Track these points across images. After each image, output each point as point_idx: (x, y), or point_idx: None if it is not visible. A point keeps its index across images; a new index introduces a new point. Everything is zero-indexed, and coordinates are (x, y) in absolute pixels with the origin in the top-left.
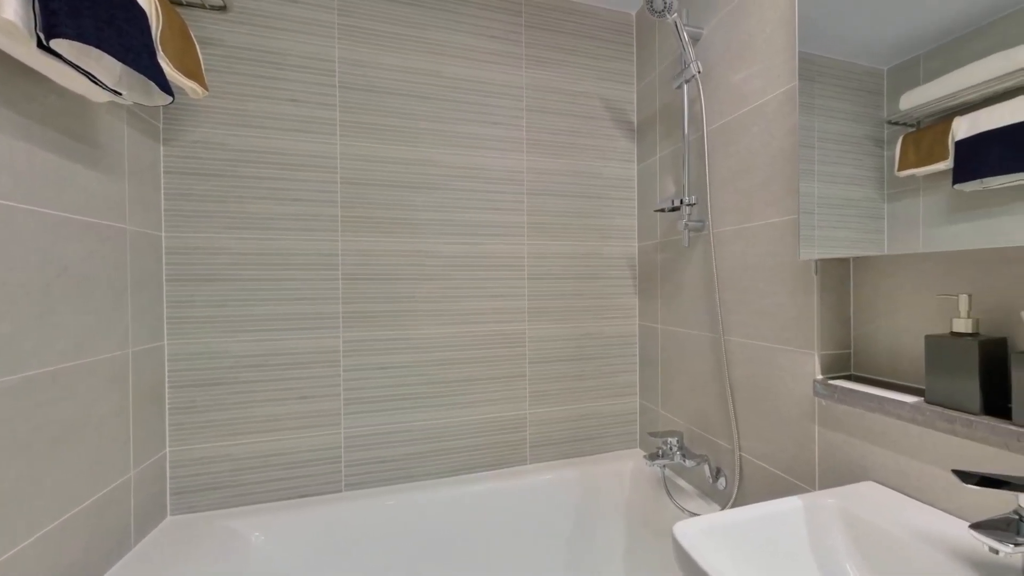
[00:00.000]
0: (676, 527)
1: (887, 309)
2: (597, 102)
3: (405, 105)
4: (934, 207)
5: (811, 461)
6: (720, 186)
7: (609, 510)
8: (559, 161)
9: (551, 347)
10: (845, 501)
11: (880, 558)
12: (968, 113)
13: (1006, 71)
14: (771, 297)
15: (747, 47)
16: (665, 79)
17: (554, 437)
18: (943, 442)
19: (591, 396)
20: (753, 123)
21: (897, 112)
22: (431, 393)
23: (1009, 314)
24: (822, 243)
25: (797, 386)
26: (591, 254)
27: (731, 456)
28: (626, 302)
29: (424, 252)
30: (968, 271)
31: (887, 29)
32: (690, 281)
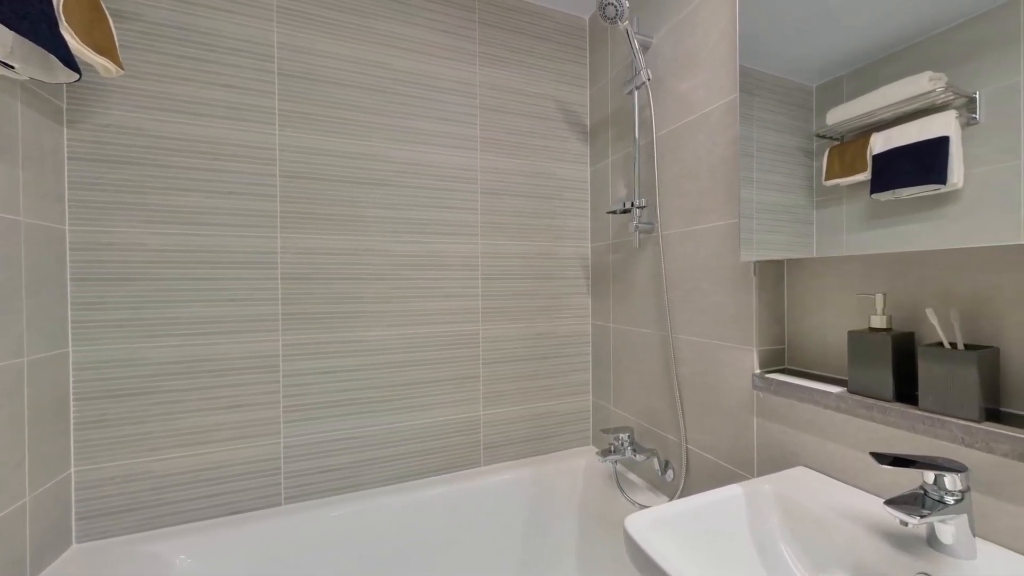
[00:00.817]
0: (627, 520)
1: (816, 307)
2: (552, 104)
3: (351, 97)
4: (855, 214)
5: (750, 450)
6: (668, 190)
7: (563, 507)
8: (514, 161)
9: (506, 347)
10: (779, 486)
11: (809, 536)
12: (883, 130)
13: (913, 94)
14: (715, 296)
15: (693, 58)
16: (617, 84)
17: (509, 437)
18: (863, 428)
19: (546, 395)
20: (699, 131)
21: (824, 126)
22: (379, 397)
23: (916, 311)
24: (760, 246)
25: (738, 380)
26: (545, 254)
27: (679, 449)
28: (579, 302)
29: (373, 250)
30: (883, 272)
31: (815, 50)
32: (640, 281)
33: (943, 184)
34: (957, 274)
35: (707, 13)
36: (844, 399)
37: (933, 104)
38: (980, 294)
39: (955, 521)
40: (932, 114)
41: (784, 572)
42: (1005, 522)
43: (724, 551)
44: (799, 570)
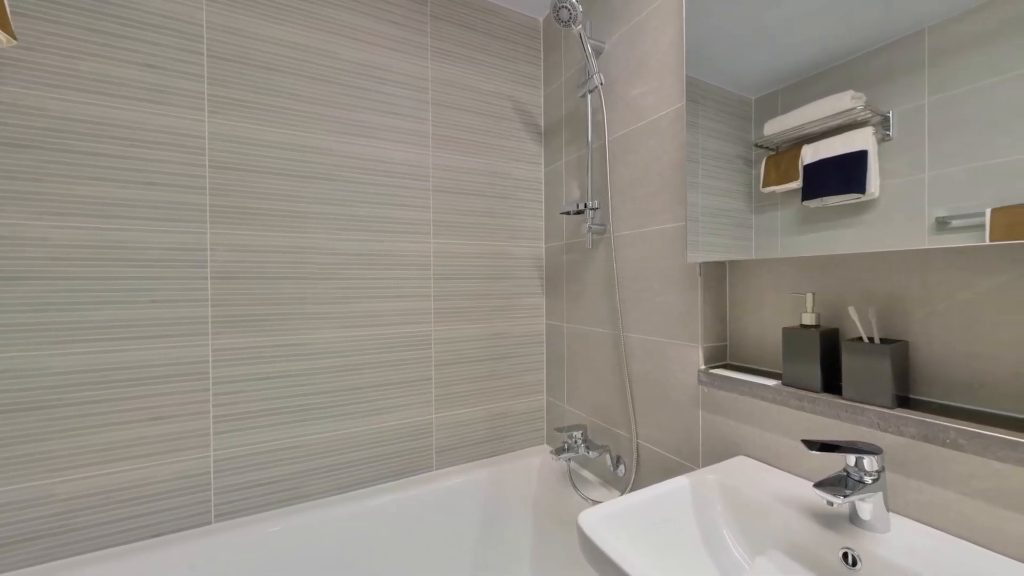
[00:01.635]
0: (580, 516)
1: (755, 306)
2: (507, 103)
3: (293, 85)
4: (789, 219)
5: (696, 442)
6: (620, 193)
7: (517, 508)
8: (468, 159)
9: (459, 348)
10: (722, 475)
11: (748, 521)
12: (813, 142)
13: (837, 110)
14: (663, 296)
15: (643, 65)
16: (571, 87)
17: (464, 440)
18: (795, 417)
19: (502, 396)
20: (649, 136)
21: (761, 137)
22: (323, 403)
23: (841, 309)
24: (705, 248)
25: (684, 376)
26: (500, 254)
27: (630, 444)
28: (534, 302)
29: (317, 249)
30: (813, 273)
31: (753, 65)
32: (593, 281)
33: (862, 194)
34: (875, 275)
35: (656, 23)
36: (779, 391)
37: (854, 120)
38: (893, 293)
39: (872, 499)
40: (853, 130)
41: (726, 556)
42: (912, 497)
43: (673, 540)
44: (739, 553)
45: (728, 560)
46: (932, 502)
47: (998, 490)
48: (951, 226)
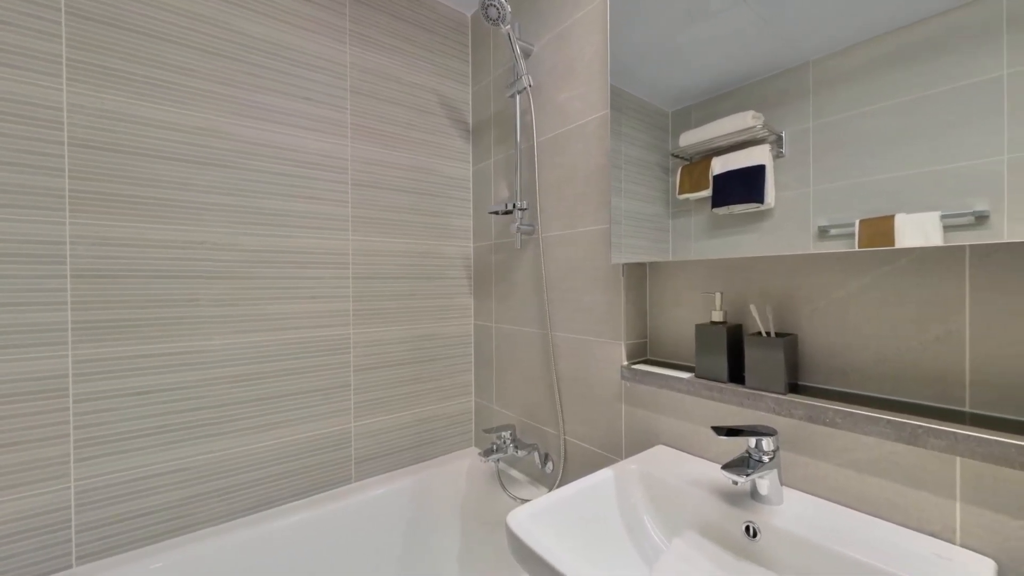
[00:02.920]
0: (509, 516)
1: (672, 304)
2: (434, 97)
3: (183, 57)
4: (701, 224)
5: (619, 435)
6: (548, 194)
7: (444, 514)
8: (391, 153)
9: (382, 352)
10: (643, 465)
11: (666, 505)
12: (721, 155)
13: (740, 127)
14: (589, 295)
15: (570, 71)
16: (499, 86)
17: (387, 448)
18: (706, 406)
19: (429, 399)
20: (576, 140)
21: (677, 147)
22: (219, 418)
23: (744, 307)
24: (627, 250)
25: (608, 372)
26: (427, 253)
27: (558, 441)
28: (463, 302)
29: (213, 244)
30: (722, 274)
31: (670, 81)
32: (522, 281)
33: (761, 203)
34: (771, 276)
35: (582, 31)
36: (692, 383)
37: (755, 138)
38: (786, 292)
39: (769, 475)
40: (754, 146)
41: (646, 541)
42: (800, 471)
43: (598, 531)
44: (658, 537)
45: (648, 545)
46: (815, 474)
47: (864, 460)
48: (830, 234)
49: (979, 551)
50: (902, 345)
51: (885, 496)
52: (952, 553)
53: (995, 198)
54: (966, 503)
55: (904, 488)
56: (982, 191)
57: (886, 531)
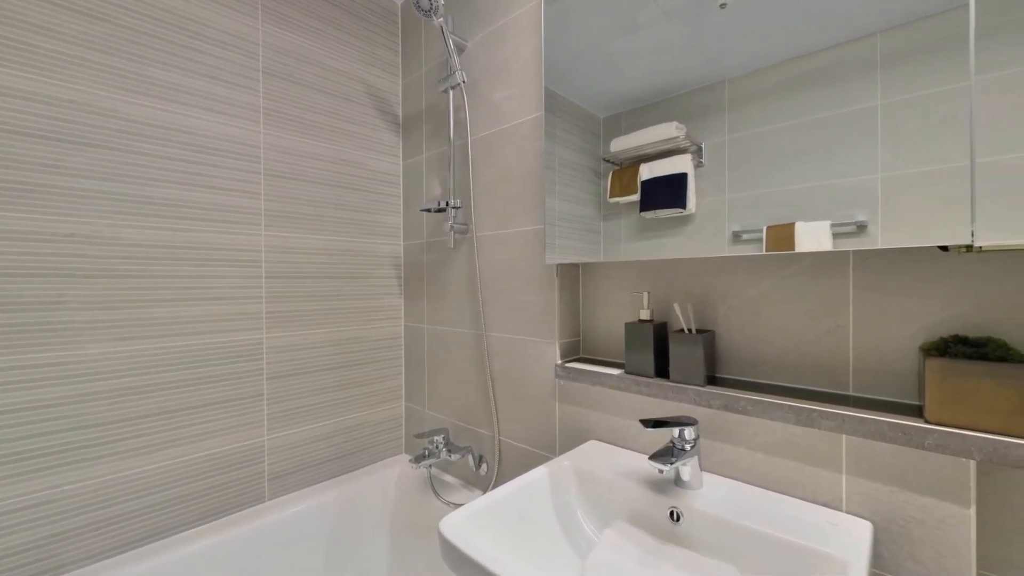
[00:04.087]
0: (442, 522)
1: (603, 303)
2: (360, 86)
3: (46, 16)
4: (630, 227)
5: (553, 432)
6: (483, 193)
7: (372, 526)
8: (312, 142)
9: (301, 357)
10: (576, 460)
11: (597, 498)
12: (649, 161)
13: (664, 137)
14: (524, 295)
15: (505, 71)
16: (432, 80)
17: (306, 460)
18: (635, 401)
19: (355, 406)
20: (511, 140)
21: (608, 152)
22: (96, 440)
23: (668, 305)
24: (561, 250)
25: (543, 371)
26: (353, 250)
27: (492, 442)
28: (392, 302)
29: (85, 237)
30: (649, 274)
31: (602, 88)
32: (455, 281)
33: (683, 209)
34: (693, 277)
35: (518, 31)
36: (622, 379)
37: (678, 147)
38: (705, 291)
39: (691, 462)
40: (677, 155)
41: (580, 535)
42: (717, 456)
43: (532, 529)
44: (590, 529)
45: (582, 538)
46: (730, 459)
47: (771, 442)
48: (742, 239)
49: (859, 515)
50: (800, 338)
51: (788, 474)
52: (839, 519)
53: (872, 210)
54: (850, 475)
55: (803, 465)
56: (862, 204)
57: (789, 505)
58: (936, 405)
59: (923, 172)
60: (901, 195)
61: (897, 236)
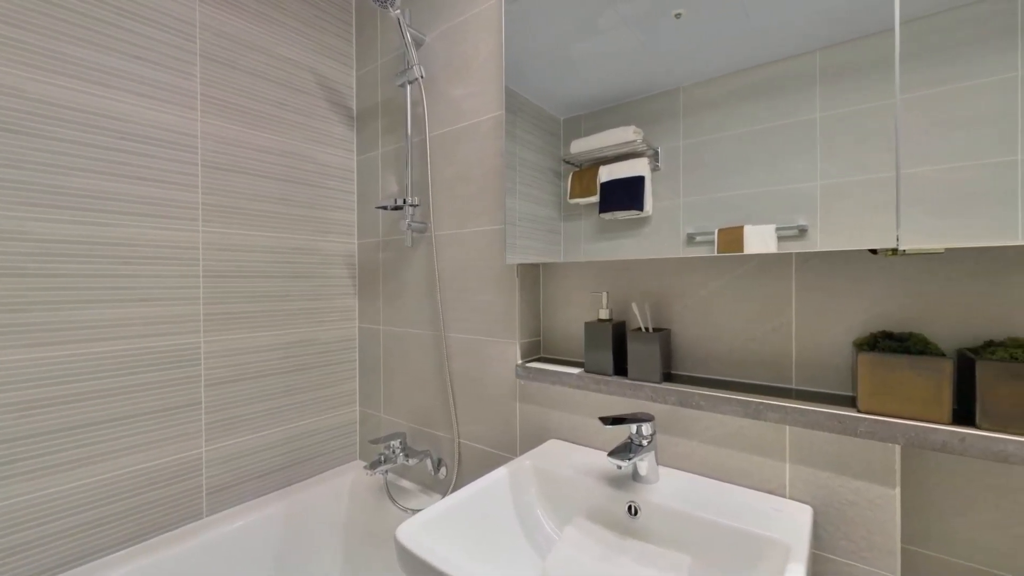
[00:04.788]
0: (398, 529)
1: (563, 303)
2: (310, 76)
3: None
4: (590, 228)
5: (514, 433)
6: (441, 191)
7: (324, 537)
8: (257, 133)
9: (244, 361)
10: (536, 460)
11: (558, 496)
12: (608, 164)
13: (623, 140)
14: (483, 295)
15: (465, 68)
16: (388, 74)
17: (250, 472)
18: (594, 399)
19: (307, 412)
20: (470, 138)
21: (568, 154)
22: (4, 457)
23: (626, 305)
24: (521, 251)
25: (503, 371)
26: (302, 248)
27: (451, 445)
28: (345, 303)
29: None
30: (608, 275)
31: (562, 90)
32: (413, 281)
33: (641, 211)
34: (650, 277)
35: (478, 28)
36: (582, 378)
37: (635, 151)
38: (662, 291)
39: (647, 457)
40: (635, 158)
41: (540, 534)
42: (672, 451)
43: (492, 532)
44: (551, 527)
45: (542, 537)
46: (685, 452)
47: (722, 435)
48: (696, 240)
49: (801, 500)
50: (749, 335)
51: (737, 464)
52: (783, 505)
53: (812, 215)
54: (793, 463)
55: (751, 456)
56: (803, 209)
57: (738, 494)
58: (867, 395)
59: (856, 181)
60: (837, 202)
61: (834, 239)
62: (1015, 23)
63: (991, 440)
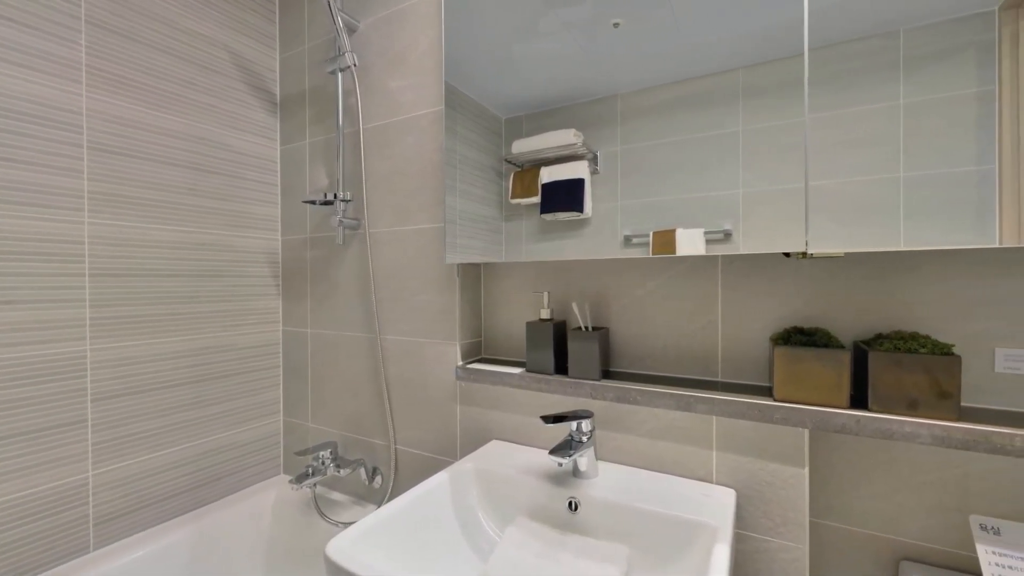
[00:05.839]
0: (328, 545)
1: (505, 303)
2: (226, 55)
3: None
4: (531, 228)
5: (454, 436)
6: (377, 187)
7: (241, 562)
8: (160, 115)
9: (142, 371)
10: (477, 462)
11: (499, 497)
12: (549, 165)
13: (563, 143)
14: (423, 296)
15: (402, 59)
16: (317, 59)
17: (152, 495)
18: (536, 398)
19: (219, 425)
20: (408, 132)
21: (510, 154)
22: None
23: (567, 304)
24: (462, 250)
25: (443, 373)
26: (215, 244)
27: (388, 452)
28: (267, 304)
29: None
30: (549, 275)
31: (504, 89)
32: (345, 280)
33: (581, 212)
34: (589, 277)
35: (416, 18)
36: (523, 377)
37: (576, 153)
38: (600, 291)
39: (587, 453)
40: (575, 160)
41: (481, 536)
42: (610, 445)
43: (432, 538)
44: (492, 529)
45: (483, 539)
46: (622, 446)
47: (657, 428)
48: (632, 242)
49: (727, 485)
50: (681, 333)
51: (671, 455)
52: (711, 490)
53: (735, 220)
54: (719, 450)
55: (683, 446)
56: (728, 215)
57: (672, 483)
58: (781, 385)
59: (773, 190)
60: (757, 208)
61: (754, 243)
62: (898, 58)
63: (880, 420)
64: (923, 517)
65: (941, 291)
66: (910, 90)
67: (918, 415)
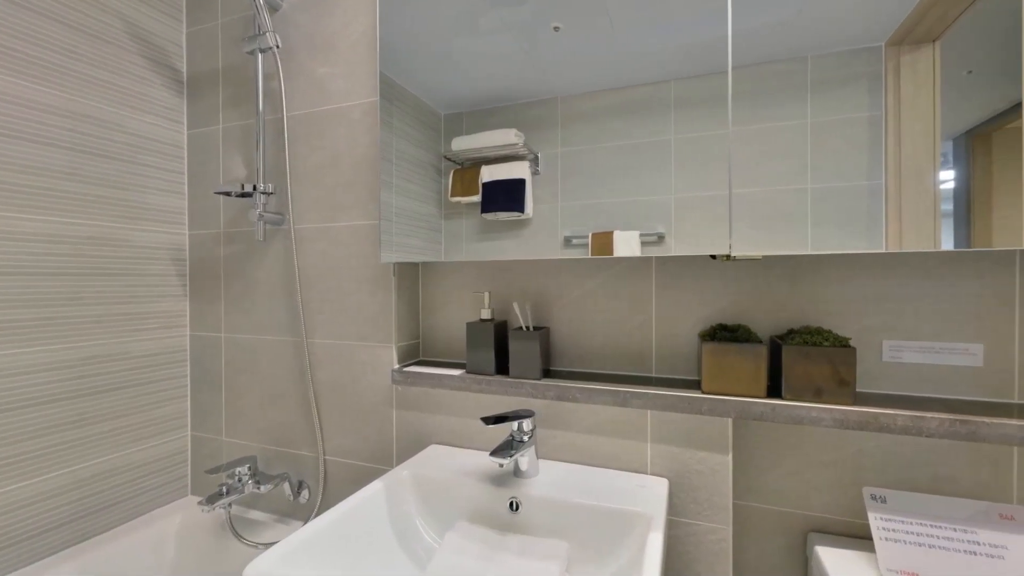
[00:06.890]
0: (248, 568)
1: (444, 304)
2: (118, 23)
3: None
4: (472, 228)
5: (390, 442)
6: (303, 179)
7: None
8: (33, 86)
9: (9, 386)
10: (414, 468)
11: (438, 503)
12: (490, 164)
13: (504, 142)
14: (355, 296)
15: (331, 45)
16: (232, 36)
17: (21, 531)
18: (476, 399)
19: (108, 445)
20: (339, 123)
21: (450, 151)
22: None
23: (508, 304)
24: (399, 248)
25: (377, 378)
26: (103, 238)
27: (316, 463)
28: (170, 307)
29: None
30: (490, 275)
31: (443, 84)
32: (266, 280)
33: (522, 213)
34: (530, 277)
35: (347, 2)
36: (463, 379)
37: (517, 154)
38: (541, 291)
39: (528, 453)
40: (516, 161)
41: (419, 545)
42: (552, 443)
43: (365, 551)
44: (431, 537)
45: (421, 548)
46: (563, 444)
47: (595, 424)
48: (572, 243)
49: (660, 475)
50: (618, 331)
51: (609, 450)
52: (646, 481)
53: (668, 224)
54: (653, 442)
55: (620, 441)
56: (661, 218)
57: (610, 477)
58: (708, 378)
59: (701, 196)
60: (687, 213)
61: (684, 246)
62: (806, 81)
63: (792, 408)
64: (826, 492)
65: (840, 290)
66: (816, 111)
67: (822, 401)
